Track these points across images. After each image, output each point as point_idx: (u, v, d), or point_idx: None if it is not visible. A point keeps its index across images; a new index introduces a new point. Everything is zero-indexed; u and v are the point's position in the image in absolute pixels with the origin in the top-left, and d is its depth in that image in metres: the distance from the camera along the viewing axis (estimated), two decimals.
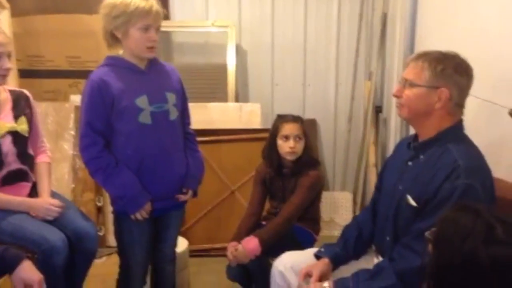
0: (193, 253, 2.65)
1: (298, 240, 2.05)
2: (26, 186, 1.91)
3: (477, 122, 1.68)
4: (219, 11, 3.31)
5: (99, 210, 2.92)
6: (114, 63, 1.74)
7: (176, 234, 2.02)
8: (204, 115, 3.06)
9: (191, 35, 3.33)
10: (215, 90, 3.27)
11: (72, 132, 2.94)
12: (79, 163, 2.91)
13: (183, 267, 2.31)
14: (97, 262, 2.69)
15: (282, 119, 2.15)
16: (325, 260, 1.64)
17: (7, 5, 2.73)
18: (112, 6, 1.66)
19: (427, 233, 1.12)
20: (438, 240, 1.07)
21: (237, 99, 3.27)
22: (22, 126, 1.88)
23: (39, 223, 1.78)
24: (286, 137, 2.09)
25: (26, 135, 1.90)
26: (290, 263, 1.68)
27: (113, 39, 1.72)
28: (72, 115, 2.96)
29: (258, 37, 3.36)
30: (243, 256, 1.94)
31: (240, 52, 3.33)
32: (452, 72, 1.41)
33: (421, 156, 1.48)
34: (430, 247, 1.11)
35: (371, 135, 3.27)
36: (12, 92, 1.94)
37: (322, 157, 3.49)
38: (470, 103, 1.50)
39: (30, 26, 3.12)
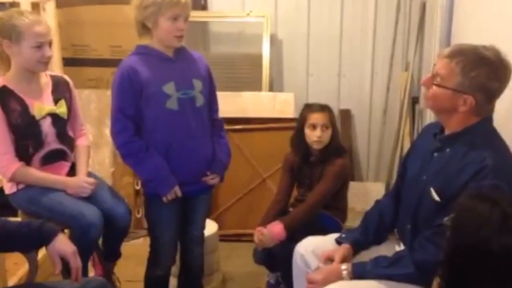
0: (224, 237, 2.72)
1: (324, 227, 2.07)
2: (65, 166, 2.02)
3: (509, 115, 1.64)
4: (255, 2, 3.34)
5: (137, 193, 3.04)
6: (143, 51, 1.82)
7: (204, 218, 2.08)
8: (238, 103, 3.11)
9: (227, 25, 3.38)
10: (250, 80, 3.30)
11: None
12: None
13: (212, 250, 2.38)
14: (134, 242, 2.84)
15: (309, 108, 2.17)
16: (346, 246, 1.66)
17: None
18: None
19: (445, 219, 1.13)
20: (455, 225, 1.08)
21: (271, 89, 3.30)
22: (61, 109, 1.99)
23: (76, 200, 1.89)
24: (313, 126, 2.11)
25: (65, 117, 2.01)
26: (311, 246, 1.71)
27: (143, 28, 1.80)
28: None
29: (293, 27, 3.37)
30: (268, 240, 1.99)
31: (275, 42, 3.36)
32: (484, 79, 1.36)
33: (447, 149, 1.46)
34: (448, 233, 1.11)
35: (406, 126, 3.23)
36: (52, 77, 2.05)
37: (356, 147, 3.47)
38: (504, 95, 1.46)
39: (75, 17, 3.26)
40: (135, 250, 2.49)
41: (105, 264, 2.13)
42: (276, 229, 1.97)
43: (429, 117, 2.91)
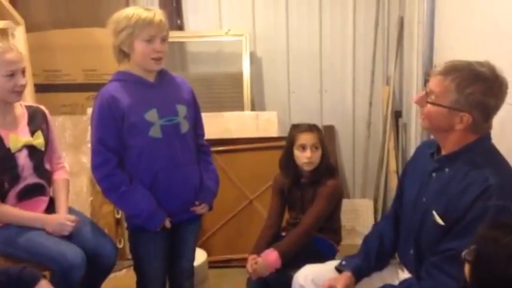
0: (213, 264, 2.62)
1: (319, 251, 2.00)
2: (43, 201, 1.90)
3: (504, 128, 1.61)
4: (233, 20, 3.29)
5: (118, 222, 2.90)
6: (122, 78, 1.74)
7: (194, 249, 1.98)
8: (220, 124, 3.04)
9: (205, 44, 3.31)
10: (231, 99, 3.23)
11: (89, 145, 2.94)
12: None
13: (202, 280, 2.28)
14: (117, 274, 2.69)
15: (297, 128, 2.11)
16: (348, 274, 1.58)
17: (21, 21, 2.75)
18: (116, 21, 1.68)
19: (464, 253, 1.07)
20: (479, 260, 1.03)
21: (253, 108, 3.24)
22: (38, 140, 1.88)
23: (57, 239, 1.77)
24: (303, 147, 2.05)
25: (43, 149, 1.90)
26: (311, 276, 1.64)
27: (121, 54, 1.72)
28: (90, 128, 2.96)
29: (273, 45, 3.33)
30: (263, 269, 1.90)
31: (255, 60, 3.31)
32: (480, 96, 1.32)
33: (446, 169, 1.41)
34: (467, 267, 1.06)
35: (391, 141, 3.21)
36: (28, 107, 1.95)
37: (341, 164, 3.43)
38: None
39: (46, 41, 3.15)
40: (118, 282, 2.37)
41: None
42: (271, 258, 1.89)
43: (414, 131, 2.90)
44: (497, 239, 1.01)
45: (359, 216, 3.30)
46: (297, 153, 2.06)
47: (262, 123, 3.05)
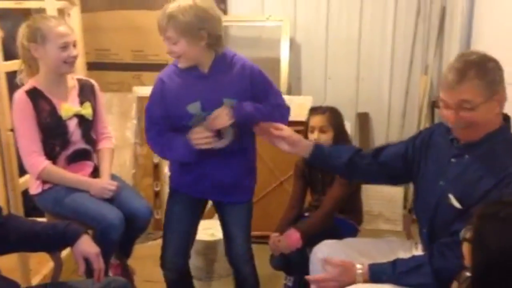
0: None
1: (340, 231, 2.09)
2: (89, 165, 2.09)
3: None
4: (274, 6, 3.38)
5: (157, 194, 3.10)
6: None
7: (245, 232, 1.94)
8: None
9: (246, 29, 3.42)
10: None
11: (134, 121, 3.14)
12: (140, 150, 3.11)
13: None
14: (153, 243, 2.88)
15: (312, 111, 2.19)
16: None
17: (77, 2, 2.93)
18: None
19: (462, 233, 1.11)
20: (478, 237, 1.04)
21: (289, 93, 3.32)
22: (86, 110, 2.06)
23: (99, 202, 1.95)
24: (312, 130, 2.11)
25: (90, 118, 2.08)
26: (328, 250, 1.73)
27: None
28: (134, 105, 3.15)
29: (312, 31, 3.39)
30: (285, 248, 2.01)
31: (294, 46, 3.38)
32: (497, 71, 1.39)
33: (466, 156, 1.47)
34: (466, 247, 1.09)
35: None
36: (79, 80, 2.13)
37: None
38: None
39: (98, 22, 3.35)
40: (153, 251, 2.52)
41: (123, 262, 2.19)
42: (293, 237, 1.99)
43: None
44: (495, 213, 1.02)
45: (388, 203, 3.34)
46: (309, 135, 2.13)
47: (297, 107, 3.12)
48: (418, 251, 1.67)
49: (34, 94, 1.96)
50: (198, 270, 2.33)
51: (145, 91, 3.18)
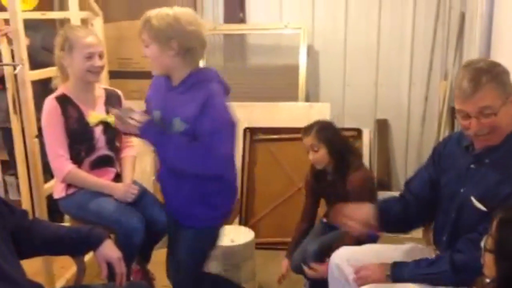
0: (260, 245, 2.76)
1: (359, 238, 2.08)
2: (111, 172, 2.15)
3: None
4: (292, 14, 3.41)
5: None
6: None
7: (181, 257, 1.83)
8: (274, 114, 3.18)
9: (264, 37, 3.46)
10: (286, 91, 3.36)
11: None
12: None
13: (248, 258, 2.44)
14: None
15: (301, 133, 2.18)
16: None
17: (100, 12, 3.01)
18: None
19: (483, 242, 1.11)
20: (501, 246, 1.02)
21: (307, 100, 3.34)
22: (112, 118, 2.09)
23: (122, 206, 2.00)
24: (307, 151, 2.14)
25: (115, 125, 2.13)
26: (346, 256, 1.74)
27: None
28: None
29: (330, 38, 3.41)
30: (323, 274, 1.93)
31: (312, 53, 3.40)
32: (506, 74, 1.42)
33: (486, 160, 1.48)
34: (489, 258, 1.07)
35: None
36: (106, 89, 2.22)
37: (393, 158, 3.46)
38: None
39: (121, 32, 3.43)
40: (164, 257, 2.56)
41: (144, 267, 2.22)
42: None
43: None
44: None
45: None
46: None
47: (315, 114, 3.14)
48: None
49: (63, 101, 2.03)
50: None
51: None
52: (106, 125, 2.10)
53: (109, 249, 1.51)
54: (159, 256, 2.25)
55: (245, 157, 3.06)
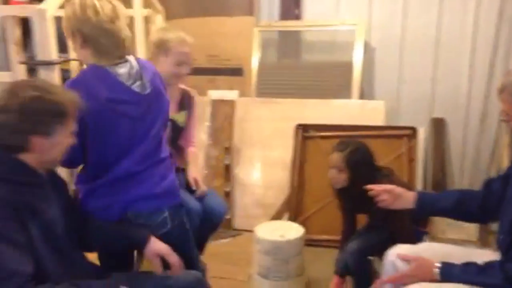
0: (309, 242, 2.78)
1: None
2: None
3: None
4: (348, 10, 3.37)
5: (227, 195, 3.22)
6: None
7: None
8: (327, 111, 3.18)
9: (319, 33, 3.45)
10: (340, 88, 3.34)
11: (208, 123, 3.29)
12: (213, 151, 3.25)
13: (297, 253, 2.46)
14: (222, 242, 3.00)
15: (335, 146, 2.11)
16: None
17: (161, 10, 3.13)
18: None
19: None
20: None
21: (362, 97, 3.31)
22: (181, 118, 2.20)
23: (183, 191, 2.07)
24: (330, 166, 2.06)
25: (182, 126, 2.23)
26: (401, 253, 1.72)
27: None
28: (208, 109, 3.30)
29: (387, 34, 3.34)
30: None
31: (367, 50, 3.35)
32: None
33: None
34: None
35: (506, 136, 3.06)
36: (182, 89, 2.28)
37: (449, 159, 3.36)
38: None
39: (179, 28, 3.52)
40: (222, 249, 2.63)
41: None
42: None
43: None
44: None
45: None
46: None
47: (368, 112, 3.12)
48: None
49: None
50: (266, 269, 2.40)
51: (219, 94, 3.33)
52: (174, 123, 2.17)
53: (157, 244, 1.55)
54: (209, 248, 2.33)
55: (296, 154, 3.08)
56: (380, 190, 1.75)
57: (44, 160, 1.36)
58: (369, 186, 1.77)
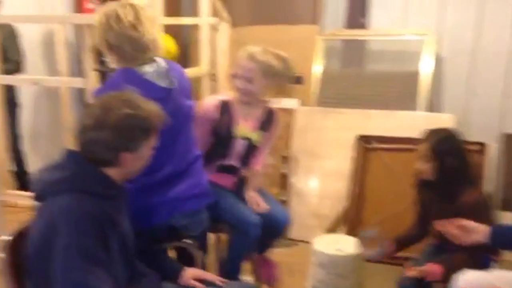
0: None
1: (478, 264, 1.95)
2: (231, 179, 2.22)
3: None
4: (417, 17, 3.26)
5: (283, 204, 3.18)
6: None
7: None
8: (391, 122, 3.09)
9: (386, 42, 3.36)
10: (406, 99, 3.23)
11: None
12: (270, 160, 3.24)
13: (355, 269, 2.40)
14: (281, 250, 2.97)
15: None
16: None
17: (227, 18, 3.17)
18: None
19: None
20: None
21: (430, 109, 3.19)
22: (257, 138, 2.17)
23: (240, 202, 2.12)
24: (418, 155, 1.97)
25: (257, 145, 2.20)
26: (470, 280, 1.66)
27: None
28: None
29: (458, 44, 3.21)
30: (421, 274, 1.91)
31: (436, 60, 3.22)
32: None
33: None
34: None
35: None
36: (268, 109, 2.22)
37: None
38: None
39: (242, 36, 3.55)
40: (277, 259, 2.60)
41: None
42: (435, 270, 1.89)
43: None
44: None
45: None
46: None
47: (435, 125, 2.98)
48: None
49: (225, 105, 2.12)
50: (321, 283, 2.36)
51: (279, 102, 3.32)
52: (249, 141, 2.16)
53: (189, 271, 1.60)
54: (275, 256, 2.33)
55: (356, 165, 3.01)
56: (451, 226, 1.66)
57: (127, 173, 1.41)
58: (438, 223, 1.71)
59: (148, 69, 1.70)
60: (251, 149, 2.18)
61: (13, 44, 3.39)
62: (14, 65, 3.37)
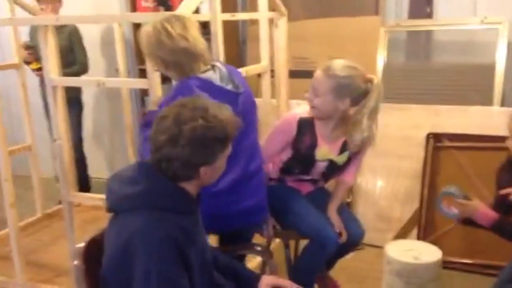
0: (446, 264, 2.52)
1: None
2: (309, 187, 2.12)
3: None
4: (489, 5, 3.04)
5: (348, 206, 3.04)
6: None
7: None
8: (463, 118, 2.89)
9: (454, 32, 3.16)
10: (478, 93, 3.02)
11: None
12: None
13: (435, 278, 2.24)
14: (346, 256, 2.84)
15: None
16: None
17: (285, 12, 3.04)
18: None
19: None
20: None
21: (503, 104, 2.96)
22: (342, 159, 1.99)
23: (321, 215, 2.00)
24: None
25: (341, 164, 2.02)
26: None
27: None
28: None
29: None
30: (468, 212, 1.86)
31: (511, 51, 2.99)
32: None
33: None
34: None
35: None
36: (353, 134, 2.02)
37: None
38: None
39: (298, 30, 3.42)
40: (347, 264, 2.48)
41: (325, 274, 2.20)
42: (488, 215, 1.82)
43: None
44: None
45: None
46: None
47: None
48: None
49: (305, 124, 1.93)
50: None
51: None
52: (332, 162, 2.00)
53: (266, 278, 1.53)
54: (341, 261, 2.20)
55: (426, 165, 2.84)
56: None
57: (203, 184, 1.34)
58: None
59: (212, 75, 1.66)
60: (335, 168, 2.02)
61: (79, 45, 3.40)
62: (83, 67, 3.39)
